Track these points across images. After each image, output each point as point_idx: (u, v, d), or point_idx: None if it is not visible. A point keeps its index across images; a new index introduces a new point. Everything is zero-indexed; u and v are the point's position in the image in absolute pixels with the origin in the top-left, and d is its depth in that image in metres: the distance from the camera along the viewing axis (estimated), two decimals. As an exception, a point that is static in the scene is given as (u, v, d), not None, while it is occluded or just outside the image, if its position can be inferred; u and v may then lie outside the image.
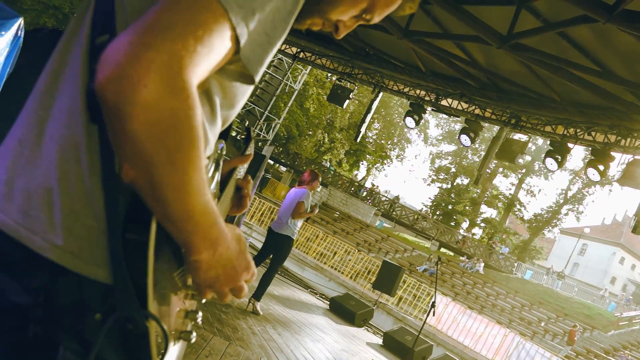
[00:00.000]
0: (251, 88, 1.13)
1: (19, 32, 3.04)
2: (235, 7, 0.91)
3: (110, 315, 0.92)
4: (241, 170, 1.42)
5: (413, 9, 1.35)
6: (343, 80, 14.80)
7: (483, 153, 51.44)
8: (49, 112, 1.03)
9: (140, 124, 0.80)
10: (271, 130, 21.01)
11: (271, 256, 8.20)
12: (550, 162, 10.90)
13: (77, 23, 1.13)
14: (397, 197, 42.49)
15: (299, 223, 8.10)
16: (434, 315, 9.19)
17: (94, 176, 0.96)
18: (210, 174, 1.14)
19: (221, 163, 1.25)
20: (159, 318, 0.92)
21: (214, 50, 0.89)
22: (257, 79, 1.04)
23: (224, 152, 1.25)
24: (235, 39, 0.93)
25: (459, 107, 12.77)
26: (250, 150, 1.60)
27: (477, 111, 12.44)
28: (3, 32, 2.89)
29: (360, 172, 55.02)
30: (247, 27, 0.94)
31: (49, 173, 0.98)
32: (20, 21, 3.04)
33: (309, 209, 8.01)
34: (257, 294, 7.88)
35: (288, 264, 19.79)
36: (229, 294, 1.07)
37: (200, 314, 1.11)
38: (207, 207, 0.92)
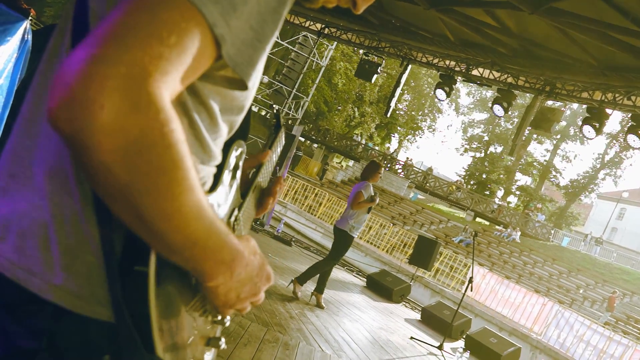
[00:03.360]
0: (254, 88, 1.00)
1: (26, 35, 2.93)
2: (209, 3, 0.77)
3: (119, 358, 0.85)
4: (269, 163, 1.33)
5: None
6: (370, 55, 14.54)
7: (516, 120, 50.73)
8: (35, 140, 0.94)
9: (106, 152, 0.68)
10: (300, 109, 20.85)
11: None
12: (588, 130, 10.58)
13: (60, 34, 1.02)
14: (430, 169, 42.16)
15: (362, 219, 7.87)
16: (472, 290, 9.08)
17: (87, 208, 0.88)
18: (227, 183, 1.06)
19: (239, 169, 1.13)
20: (174, 352, 0.85)
21: (187, 53, 0.75)
22: (250, 83, 0.91)
23: (243, 156, 1.14)
24: (215, 40, 0.79)
25: (491, 77, 12.46)
26: (281, 138, 1.51)
27: (509, 80, 12.12)
28: (9, 38, 2.78)
29: (392, 145, 54.70)
30: (228, 25, 0.80)
31: (42, 208, 0.89)
32: (26, 24, 2.92)
33: (368, 199, 7.77)
34: (319, 288, 7.92)
35: (325, 241, 19.82)
36: (248, 306, 1.00)
37: (223, 340, 1.03)
38: (212, 228, 0.81)
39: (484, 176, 53.34)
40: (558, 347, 16.24)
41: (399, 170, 39.22)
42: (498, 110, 12.08)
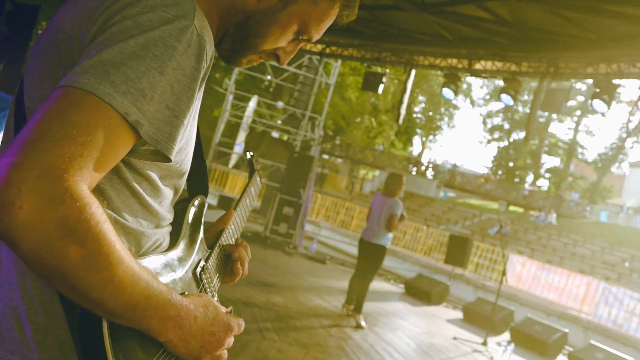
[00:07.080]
0: (189, 154, 1.13)
1: None
2: (118, 97, 0.87)
3: None
4: (232, 227, 1.41)
5: (351, 16, 1.27)
6: (372, 66, 14.72)
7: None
8: None
9: (31, 243, 0.79)
10: (316, 128, 21.07)
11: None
12: (598, 104, 10.54)
13: (7, 129, 1.13)
14: (455, 165, 41.99)
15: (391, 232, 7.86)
16: (507, 282, 9.09)
17: (50, 287, 0.98)
18: (188, 237, 1.16)
19: (202, 220, 1.24)
20: None
21: (100, 145, 0.86)
22: (173, 155, 1.00)
23: (204, 208, 1.25)
24: (131, 126, 0.89)
25: (494, 68, 12.52)
26: (255, 182, 1.59)
27: (513, 68, 12.15)
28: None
29: (416, 148, 54.63)
30: (141, 111, 0.90)
31: (12, 292, 1.00)
32: None
33: (400, 218, 7.74)
34: (357, 307, 7.79)
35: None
36: (223, 356, 1.09)
37: None
38: (149, 290, 0.91)
39: (511, 164, 52.88)
40: (611, 324, 15.98)
41: (425, 172, 39.15)
42: (507, 99, 12.07)
